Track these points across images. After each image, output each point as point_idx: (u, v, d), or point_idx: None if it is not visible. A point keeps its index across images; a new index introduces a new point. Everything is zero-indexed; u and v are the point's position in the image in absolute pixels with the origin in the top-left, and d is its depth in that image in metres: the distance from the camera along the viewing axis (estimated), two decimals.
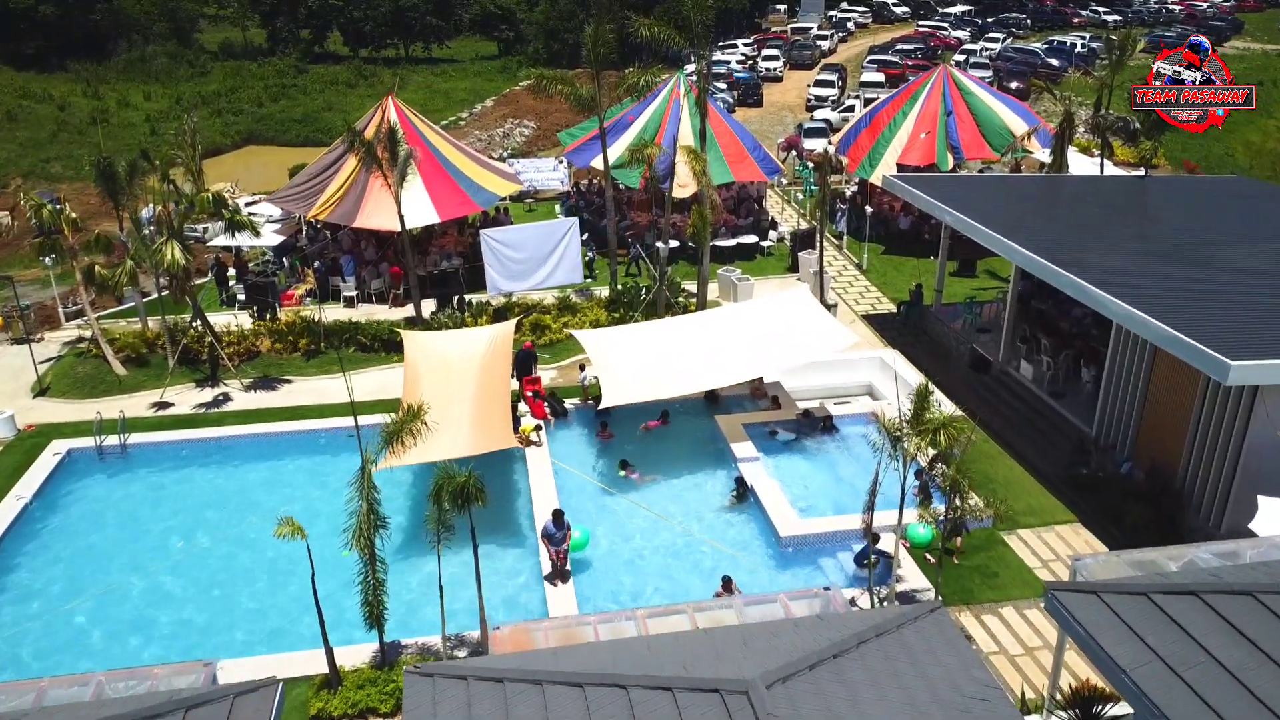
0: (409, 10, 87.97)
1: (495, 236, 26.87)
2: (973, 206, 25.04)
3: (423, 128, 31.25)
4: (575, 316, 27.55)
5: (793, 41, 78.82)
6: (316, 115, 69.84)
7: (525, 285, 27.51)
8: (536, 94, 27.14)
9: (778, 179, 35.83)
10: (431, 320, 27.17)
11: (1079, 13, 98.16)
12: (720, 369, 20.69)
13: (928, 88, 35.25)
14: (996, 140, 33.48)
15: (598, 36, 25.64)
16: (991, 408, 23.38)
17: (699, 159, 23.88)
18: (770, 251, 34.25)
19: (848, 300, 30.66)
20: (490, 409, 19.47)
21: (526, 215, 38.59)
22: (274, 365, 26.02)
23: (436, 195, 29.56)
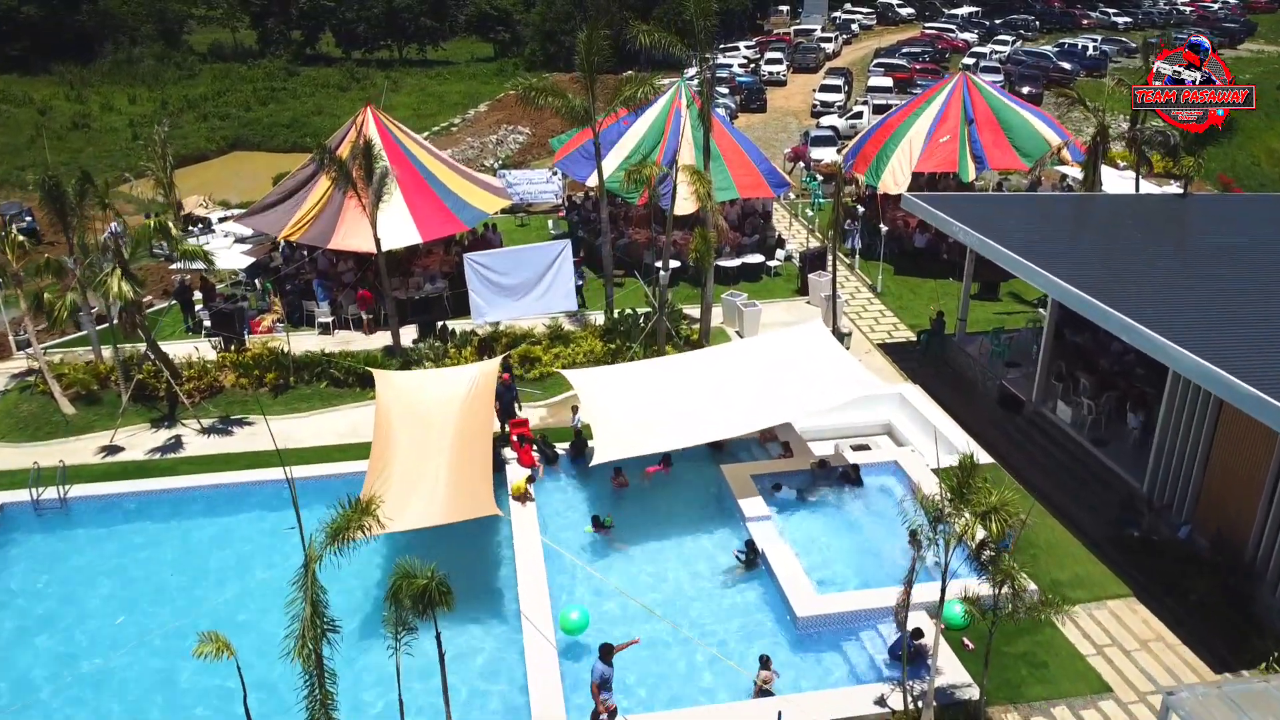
0: (403, 11, 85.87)
1: (480, 260, 24.66)
2: (1000, 229, 22.86)
3: (404, 139, 29.03)
4: (568, 347, 25.35)
5: (796, 44, 76.64)
6: (305, 119, 67.77)
7: (513, 313, 25.31)
8: (525, 106, 24.37)
9: (784, 194, 33.53)
10: (410, 351, 24.99)
11: (1088, 14, 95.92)
12: (728, 417, 18.47)
13: (945, 94, 33.03)
14: (1029, 149, 31.26)
15: (591, 42, 23.42)
16: (1025, 454, 21.20)
17: (704, 181, 21.68)
18: (777, 272, 32.04)
19: (861, 327, 28.45)
20: (469, 468, 17.25)
21: (518, 231, 36.40)
22: (238, 403, 23.80)
23: (419, 213, 27.36)
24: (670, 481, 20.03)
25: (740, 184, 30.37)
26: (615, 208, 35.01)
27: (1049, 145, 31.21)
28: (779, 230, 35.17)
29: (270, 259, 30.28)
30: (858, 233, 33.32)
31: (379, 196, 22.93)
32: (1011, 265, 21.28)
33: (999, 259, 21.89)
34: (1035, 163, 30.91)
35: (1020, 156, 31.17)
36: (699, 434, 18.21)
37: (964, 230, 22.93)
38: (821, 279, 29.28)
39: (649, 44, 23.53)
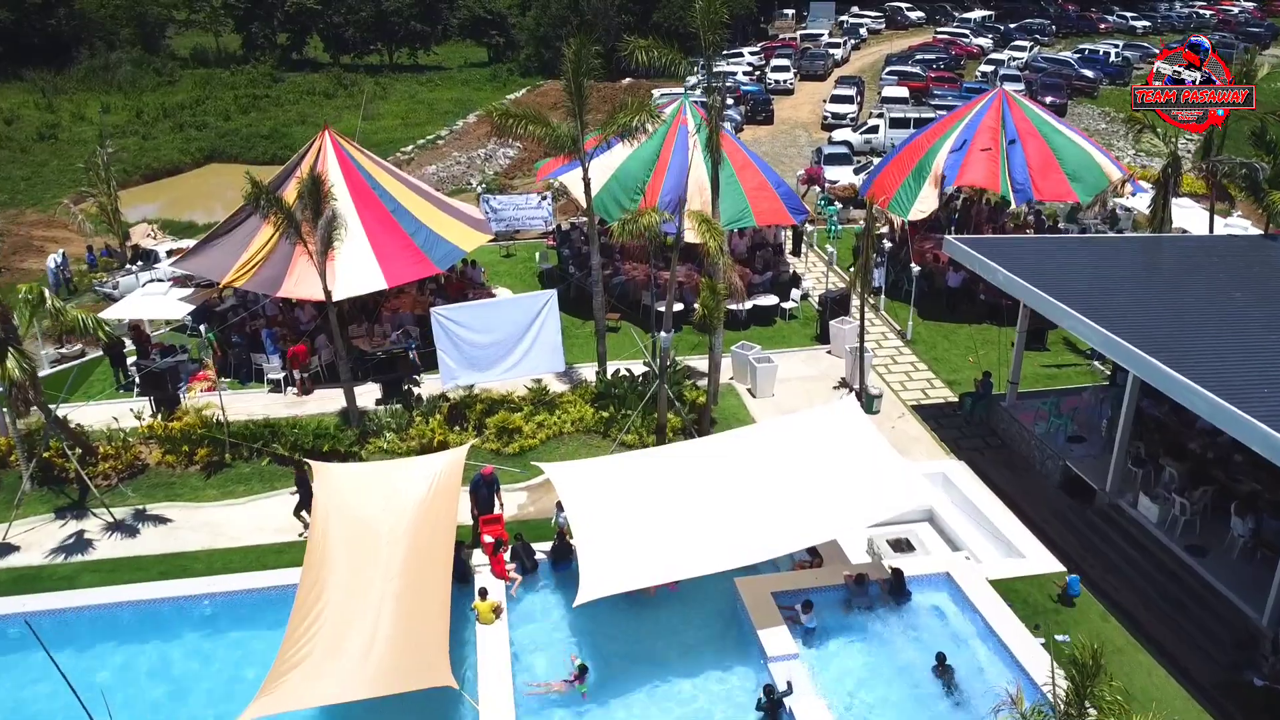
0: (392, 15, 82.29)
1: (449, 315, 21.04)
2: (1058, 280, 19.31)
3: (369, 167, 25.41)
4: (554, 414, 21.76)
5: (803, 50, 73.04)
6: (286, 130, 64.27)
7: (489, 378, 21.70)
8: (501, 135, 20.70)
9: (804, 222, 29.89)
10: (370, 418, 21.40)
11: (1105, 18, 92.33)
12: (747, 538, 14.80)
13: (979, 113, 29.34)
14: (1083, 178, 27.58)
15: (580, 59, 19.80)
16: (1103, 560, 17.58)
17: (715, 232, 18.06)
18: (793, 314, 28.40)
19: (891, 382, 24.83)
20: (421, 616, 13.60)
21: (503, 264, 32.79)
22: (163, 485, 20.21)
23: (384, 254, 23.77)
24: (675, 599, 16.44)
25: (758, 210, 26.75)
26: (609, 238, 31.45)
27: (1103, 173, 27.53)
28: (793, 264, 31.54)
29: (219, 301, 26.65)
30: (882, 269, 29.74)
31: (326, 244, 19.34)
32: (1078, 328, 17.68)
33: (1061, 319, 18.30)
34: (1094, 199, 27.22)
35: (1073, 184, 27.48)
36: (711, 560, 14.54)
37: (1016, 282, 19.33)
38: (845, 327, 25.68)
39: (646, 61, 19.95)
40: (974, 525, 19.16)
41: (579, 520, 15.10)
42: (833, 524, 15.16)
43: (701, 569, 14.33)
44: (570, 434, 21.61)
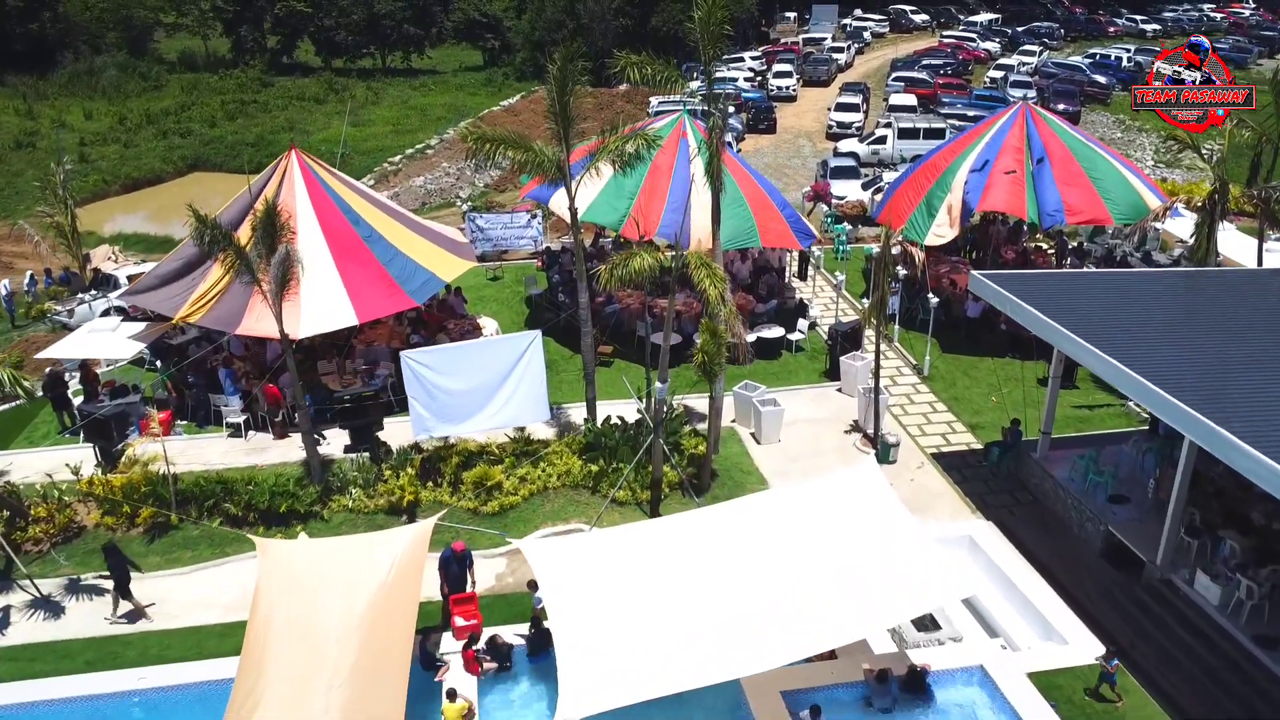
0: (384, 18, 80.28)
1: (421, 360, 18.96)
2: (1098, 323, 17.28)
3: (340, 189, 23.36)
4: (538, 467, 19.70)
5: (805, 54, 70.97)
6: (272, 138, 62.27)
7: (466, 429, 19.61)
8: (474, 160, 18.58)
9: (811, 247, 27.76)
10: (334, 473, 19.35)
11: (1114, 22, 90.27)
12: (758, 641, 12.69)
13: (1001, 130, 27.23)
14: (1118, 200, 25.47)
15: (565, 75, 17.72)
16: (1156, 648, 15.51)
17: (716, 278, 15.97)
18: (800, 346, 26.32)
19: (908, 425, 22.76)
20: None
21: (489, 288, 30.73)
22: (100, 551, 18.12)
23: (356, 287, 21.73)
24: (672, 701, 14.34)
25: (765, 229, 24.67)
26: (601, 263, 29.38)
27: (1139, 197, 25.39)
28: (799, 290, 29.45)
29: (178, 333, 24.54)
30: (897, 296, 27.65)
31: (281, 284, 17.28)
32: (1127, 384, 15.61)
33: (1105, 372, 16.21)
34: (1134, 226, 25.11)
35: (1107, 205, 25.36)
36: (716, 667, 12.40)
37: (1051, 327, 17.26)
38: (857, 364, 23.62)
39: (640, 79, 17.90)
40: (1006, 598, 17.13)
41: (559, 613, 13.02)
42: (859, 622, 13.07)
43: (704, 678, 12.23)
44: (556, 489, 19.55)
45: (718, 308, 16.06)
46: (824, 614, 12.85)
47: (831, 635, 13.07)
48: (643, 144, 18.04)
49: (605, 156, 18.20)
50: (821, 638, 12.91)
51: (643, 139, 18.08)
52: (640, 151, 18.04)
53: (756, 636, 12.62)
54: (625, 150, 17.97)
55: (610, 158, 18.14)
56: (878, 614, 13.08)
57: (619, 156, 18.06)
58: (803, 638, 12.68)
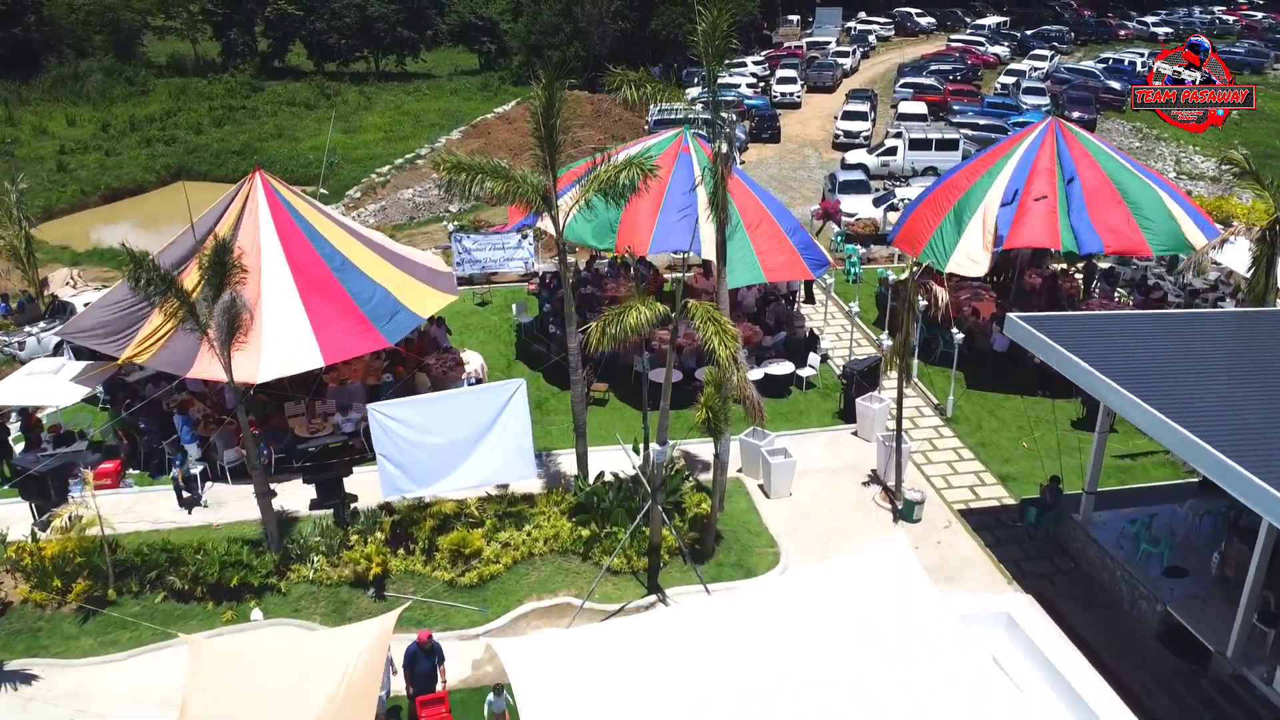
0: (377, 21, 78.23)
1: (389, 413, 16.91)
2: (1157, 378, 15.27)
3: (310, 215, 21.30)
4: (522, 530, 17.66)
5: (810, 59, 68.89)
6: (260, 146, 60.39)
7: (441, 488, 17.54)
8: (449, 191, 16.50)
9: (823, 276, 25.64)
10: (293, 540, 17.31)
11: (1125, 25, 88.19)
12: None
13: (1029, 152, 25.06)
14: (1160, 230, 23.29)
15: (551, 99, 15.68)
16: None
17: (726, 335, 13.85)
18: (811, 383, 24.27)
19: (933, 476, 20.71)
20: None
21: (475, 315, 28.67)
22: (26, 631, 16.09)
23: (324, 324, 19.70)
24: None
25: (769, 264, 22.59)
26: (596, 288, 27.36)
27: (1178, 225, 23.17)
28: (808, 320, 27.36)
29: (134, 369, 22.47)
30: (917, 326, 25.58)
31: (229, 333, 15.23)
32: (1199, 457, 13.54)
33: (1169, 439, 14.15)
34: (1186, 262, 22.92)
35: (1145, 234, 23.21)
36: None
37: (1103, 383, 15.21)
38: (875, 407, 21.58)
39: (636, 98, 15.88)
40: (1051, 687, 15.06)
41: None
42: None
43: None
44: (543, 555, 17.50)
45: (729, 369, 13.99)
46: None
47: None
48: (637, 174, 15.93)
49: (595, 188, 16.13)
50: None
51: (638, 168, 16.00)
52: (634, 183, 15.95)
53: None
54: (619, 181, 15.90)
55: (600, 189, 16.08)
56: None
57: (610, 188, 16.00)
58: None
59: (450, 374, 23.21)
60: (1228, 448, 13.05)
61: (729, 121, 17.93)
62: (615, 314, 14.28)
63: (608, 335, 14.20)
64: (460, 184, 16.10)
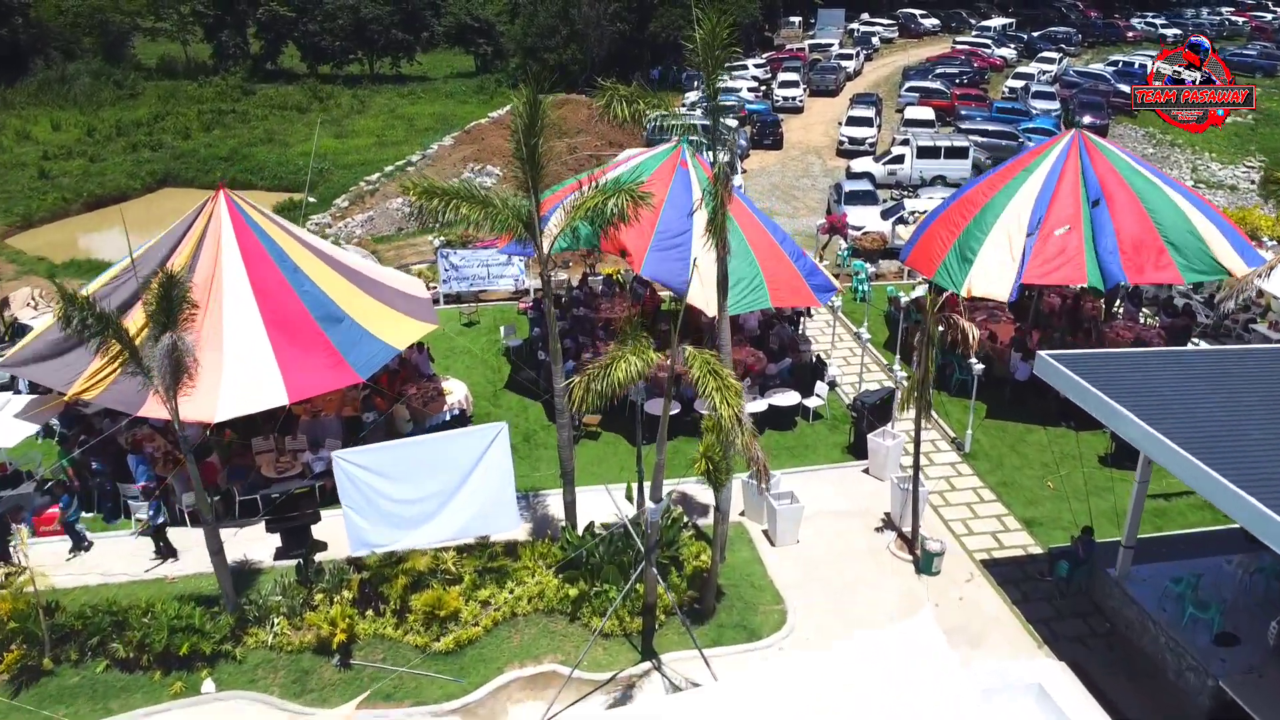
0: (371, 23, 76.72)
1: (356, 460, 15.33)
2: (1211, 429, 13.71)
3: (278, 237, 19.68)
4: (504, 588, 16.08)
5: (812, 62, 67.30)
6: (247, 152, 58.93)
7: (414, 539, 15.96)
8: (419, 219, 14.87)
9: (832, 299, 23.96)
10: (251, 601, 15.75)
11: (1133, 26, 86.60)
12: None
13: (1052, 160, 23.45)
14: (1192, 256, 21.57)
15: (535, 116, 14.10)
16: None
17: (729, 392, 12.18)
18: (819, 413, 22.69)
19: (951, 520, 19.12)
20: None
21: (462, 337, 27.07)
22: None
23: (290, 358, 18.13)
24: None
25: (776, 289, 20.99)
26: (589, 309, 25.78)
27: (1208, 250, 21.42)
28: (814, 345, 25.75)
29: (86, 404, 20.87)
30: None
31: (173, 379, 13.66)
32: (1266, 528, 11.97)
33: (1228, 504, 12.55)
34: (1221, 297, 21.24)
35: (1178, 264, 21.53)
36: None
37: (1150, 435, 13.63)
38: (888, 444, 20.00)
39: (628, 115, 14.31)
40: None
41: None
42: None
43: None
44: (527, 615, 15.93)
45: (733, 430, 12.38)
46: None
47: None
48: (627, 201, 14.33)
49: (580, 215, 14.55)
50: None
51: (627, 195, 14.39)
52: (623, 212, 14.35)
53: None
54: (606, 210, 14.31)
55: (586, 216, 14.50)
56: None
57: (598, 216, 14.42)
58: None
59: (431, 406, 21.66)
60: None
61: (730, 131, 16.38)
62: (601, 368, 12.66)
63: (592, 393, 12.60)
64: (432, 210, 14.48)
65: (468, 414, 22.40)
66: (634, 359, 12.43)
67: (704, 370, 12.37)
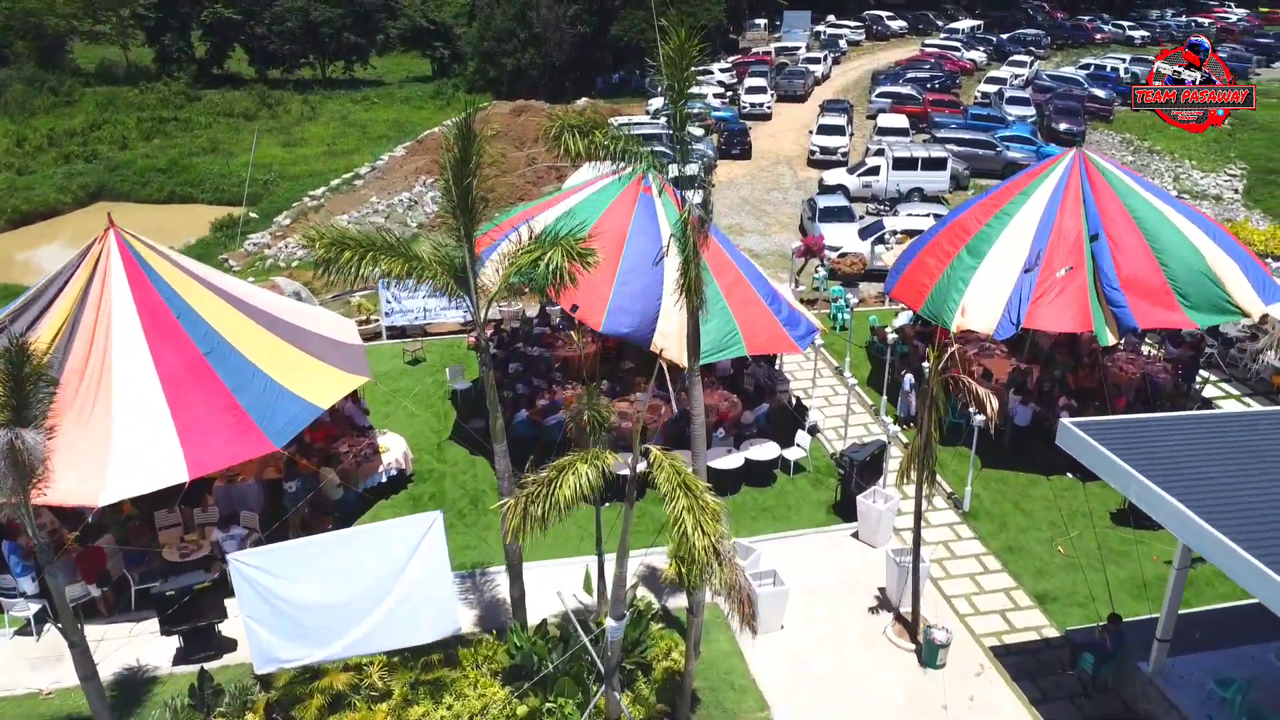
0: (322, 25, 73.68)
1: (255, 564, 12.78)
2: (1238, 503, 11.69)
3: (179, 284, 17.00)
4: (440, 705, 13.61)
5: (779, 66, 65.26)
6: (188, 163, 55.98)
7: (332, 651, 13.45)
8: (328, 275, 12.22)
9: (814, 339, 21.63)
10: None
11: (1100, 28, 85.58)
12: None
13: (1051, 201, 21.15)
14: (1194, 295, 19.51)
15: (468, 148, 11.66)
16: None
17: (704, 512, 9.82)
18: (800, 466, 20.44)
19: (954, 598, 16.91)
20: None
21: (407, 375, 24.50)
22: None
23: (191, 426, 15.54)
24: None
25: (752, 338, 18.73)
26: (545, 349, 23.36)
27: (1214, 287, 19.28)
28: (793, 382, 23.52)
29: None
30: (914, 393, 21.92)
31: (24, 481, 11.07)
32: None
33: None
34: (1263, 345, 19.15)
35: (1185, 309, 19.38)
36: None
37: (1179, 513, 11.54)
38: (880, 507, 17.80)
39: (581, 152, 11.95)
40: None
41: None
42: None
43: None
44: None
45: (707, 565, 10.01)
46: None
47: None
48: (565, 257, 11.84)
49: (513, 274, 12.10)
50: None
51: (568, 250, 11.90)
52: (561, 273, 11.88)
53: None
54: (540, 271, 11.83)
55: (520, 275, 12.08)
56: None
57: (530, 279, 11.98)
58: None
59: (365, 467, 19.15)
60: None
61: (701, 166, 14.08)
62: (539, 486, 10.23)
63: (533, 516, 10.17)
64: (344, 265, 11.99)
65: (407, 473, 19.94)
66: (584, 469, 10.02)
67: (672, 481, 10.01)
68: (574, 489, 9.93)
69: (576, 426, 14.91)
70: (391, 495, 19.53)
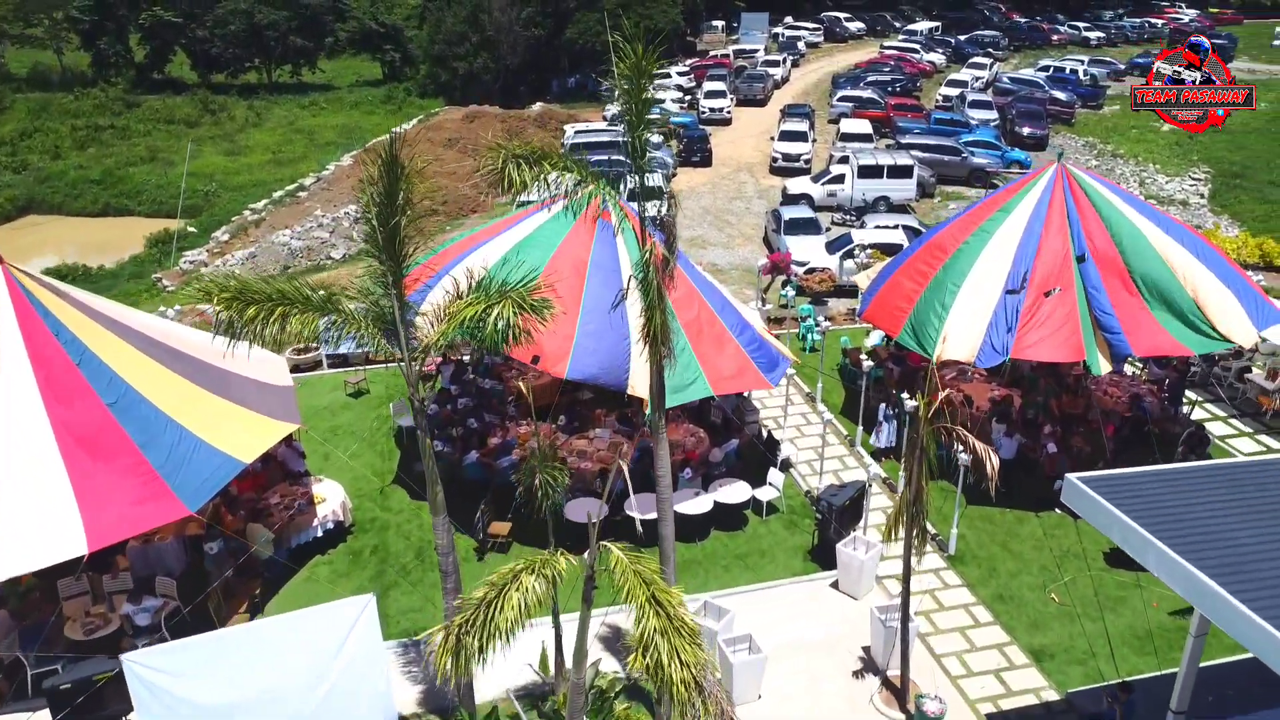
0: (267, 28, 71.09)
1: (155, 665, 11.04)
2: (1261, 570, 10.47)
3: (77, 326, 15.14)
4: None
5: (738, 69, 64.02)
6: (124, 173, 53.51)
7: None
8: (228, 336, 10.48)
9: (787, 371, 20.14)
10: None
11: (1056, 29, 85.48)
12: None
13: (1035, 200, 20.03)
14: (1175, 326, 18.24)
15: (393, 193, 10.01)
16: None
17: (679, 632, 8.27)
18: (774, 506, 19.00)
19: (943, 656, 15.57)
20: None
21: (347, 411, 22.74)
22: None
23: (92, 490, 13.72)
24: None
25: (715, 375, 17.24)
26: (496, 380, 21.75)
27: (1199, 319, 17.99)
28: (762, 417, 22.06)
29: None
30: (892, 423, 20.61)
31: None
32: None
33: None
34: (1220, 370, 17.95)
35: (1166, 327, 18.14)
36: None
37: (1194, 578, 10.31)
38: (861, 556, 16.40)
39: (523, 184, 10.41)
40: None
41: None
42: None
43: None
44: None
45: (687, 701, 8.47)
46: None
47: None
48: (516, 310, 10.22)
49: (454, 330, 10.50)
50: None
51: (519, 302, 10.29)
52: (512, 330, 10.28)
53: None
54: (490, 324, 10.21)
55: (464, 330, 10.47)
56: None
57: (477, 332, 10.37)
58: None
59: (298, 520, 17.40)
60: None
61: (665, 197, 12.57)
62: (476, 610, 8.54)
63: (469, 649, 8.52)
64: (249, 322, 10.25)
65: (345, 525, 18.21)
66: (530, 582, 8.39)
67: (639, 597, 8.42)
68: (518, 609, 8.33)
69: (528, 475, 13.36)
70: (329, 550, 17.81)
